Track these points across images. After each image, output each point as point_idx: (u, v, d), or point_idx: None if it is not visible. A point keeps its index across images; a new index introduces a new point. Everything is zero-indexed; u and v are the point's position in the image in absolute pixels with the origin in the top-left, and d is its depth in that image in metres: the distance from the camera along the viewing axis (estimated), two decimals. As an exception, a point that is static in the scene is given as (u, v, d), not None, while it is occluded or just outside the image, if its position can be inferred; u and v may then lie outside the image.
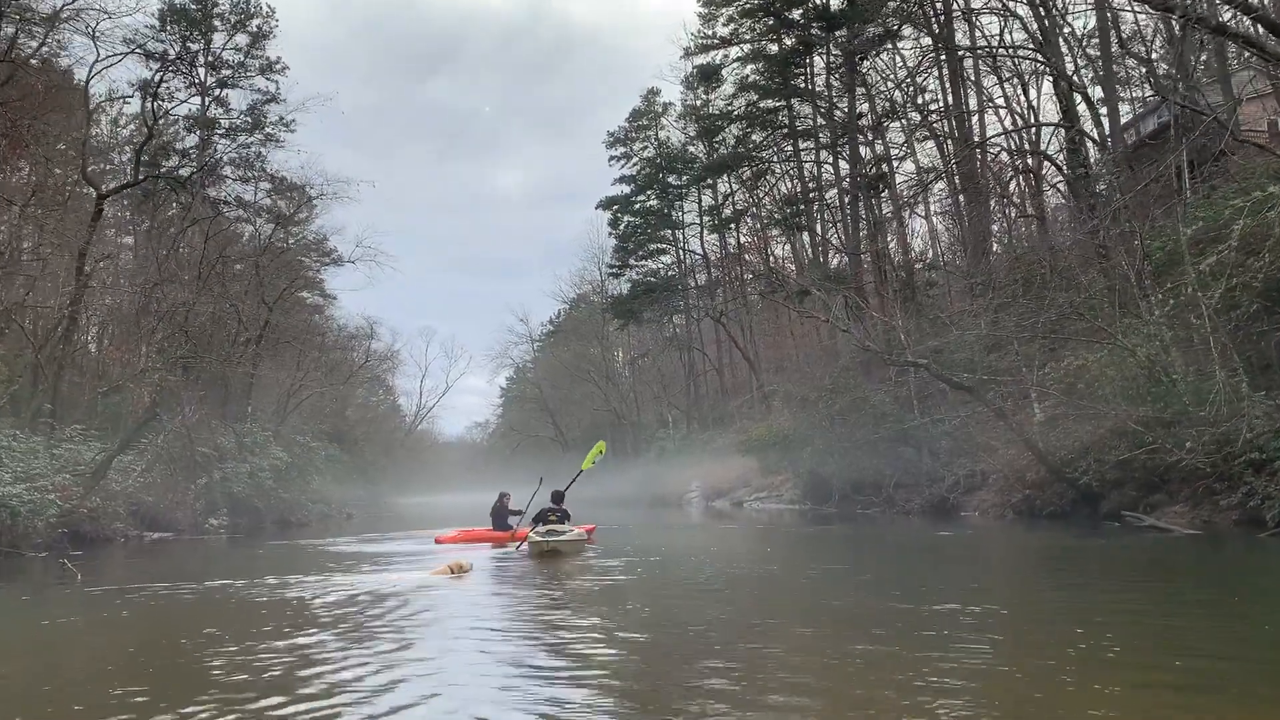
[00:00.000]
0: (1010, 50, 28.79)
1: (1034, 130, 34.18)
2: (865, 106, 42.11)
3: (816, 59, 45.25)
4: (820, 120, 45.69)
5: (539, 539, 15.67)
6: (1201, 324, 18.54)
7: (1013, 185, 35.84)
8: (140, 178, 26.15)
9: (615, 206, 65.84)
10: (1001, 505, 24.24)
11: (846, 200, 44.76)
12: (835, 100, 43.73)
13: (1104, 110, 26.97)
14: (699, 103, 57.95)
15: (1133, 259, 18.16)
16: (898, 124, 42.50)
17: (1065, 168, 26.30)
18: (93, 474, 19.35)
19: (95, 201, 24.75)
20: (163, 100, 43.85)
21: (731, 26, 50.35)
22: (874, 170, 39.91)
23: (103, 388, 24.63)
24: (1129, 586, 10.69)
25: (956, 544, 18.23)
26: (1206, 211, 20.13)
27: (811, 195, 49.00)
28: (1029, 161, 32.38)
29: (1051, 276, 23.51)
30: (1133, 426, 18.82)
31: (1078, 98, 26.19)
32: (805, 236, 52.43)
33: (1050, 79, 31.23)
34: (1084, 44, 27.75)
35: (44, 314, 24.67)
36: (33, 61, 34.71)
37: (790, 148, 50.25)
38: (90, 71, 26.75)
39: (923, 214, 45.75)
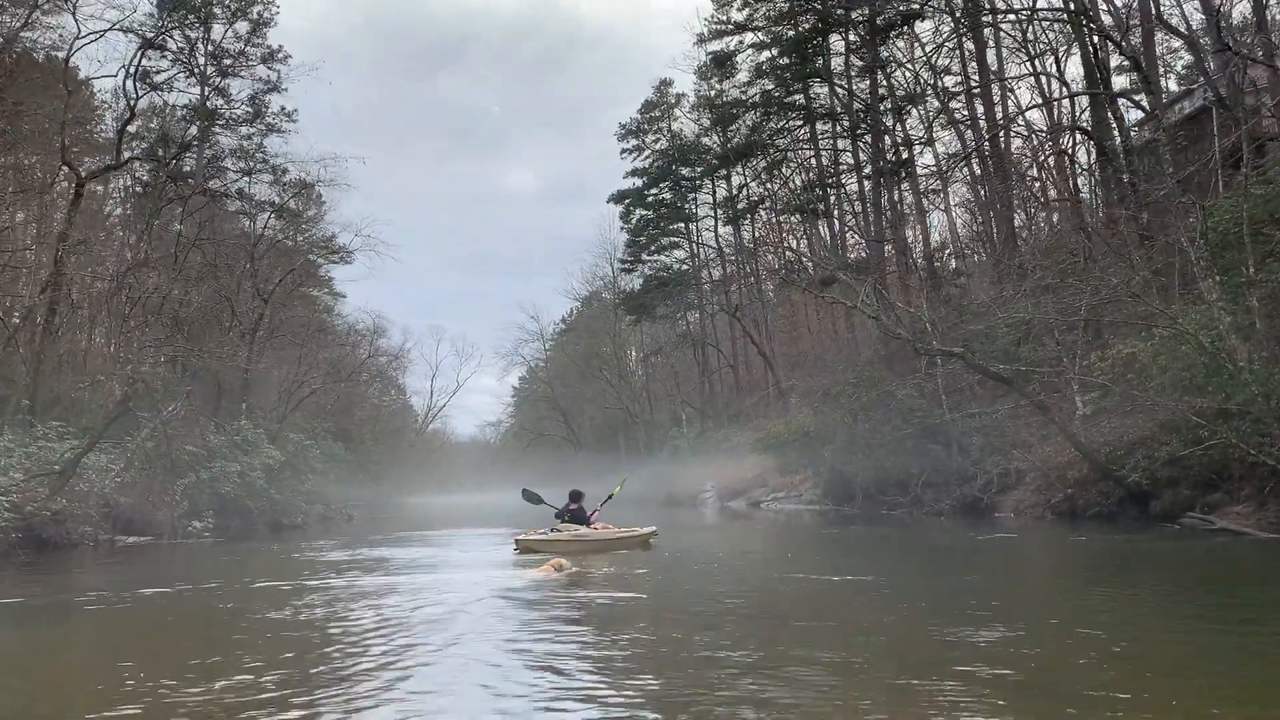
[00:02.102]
0: (1045, 12, 26.93)
1: (1062, 105, 32.63)
2: (884, 90, 40.43)
3: (835, 41, 43.58)
4: (839, 105, 44.04)
5: (522, 538, 16.02)
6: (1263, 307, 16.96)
7: (1040, 169, 34.09)
8: (124, 160, 24.70)
9: (627, 200, 64.30)
10: (1040, 505, 22.64)
11: (867, 187, 43.18)
12: (855, 84, 42.06)
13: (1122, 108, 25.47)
14: (713, 93, 56.38)
15: (1192, 236, 16.48)
16: (919, 109, 40.96)
17: (1103, 142, 24.51)
18: (59, 473, 17.91)
19: (75, 186, 23.37)
20: (161, 86, 43.05)
21: (746, 11, 48.76)
22: (896, 156, 38.28)
23: (84, 381, 23.27)
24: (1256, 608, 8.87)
25: (1005, 549, 16.63)
26: (1264, 188, 18.56)
27: (829, 182, 47.36)
28: (1060, 141, 30.64)
29: (1092, 258, 21.90)
30: (1193, 419, 17.15)
31: (1116, 69, 24.42)
32: (823, 227, 50.83)
33: (1082, 49, 29.68)
34: (1126, 18, 25.95)
35: (19, 303, 23.30)
36: (34, 51, 33.75)
37: (808, 132, 48.56)
38: (70, 48, 25.35)
39: (942, 207, 44.19)
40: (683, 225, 63.88)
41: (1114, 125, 24.32)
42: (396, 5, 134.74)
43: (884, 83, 40.19)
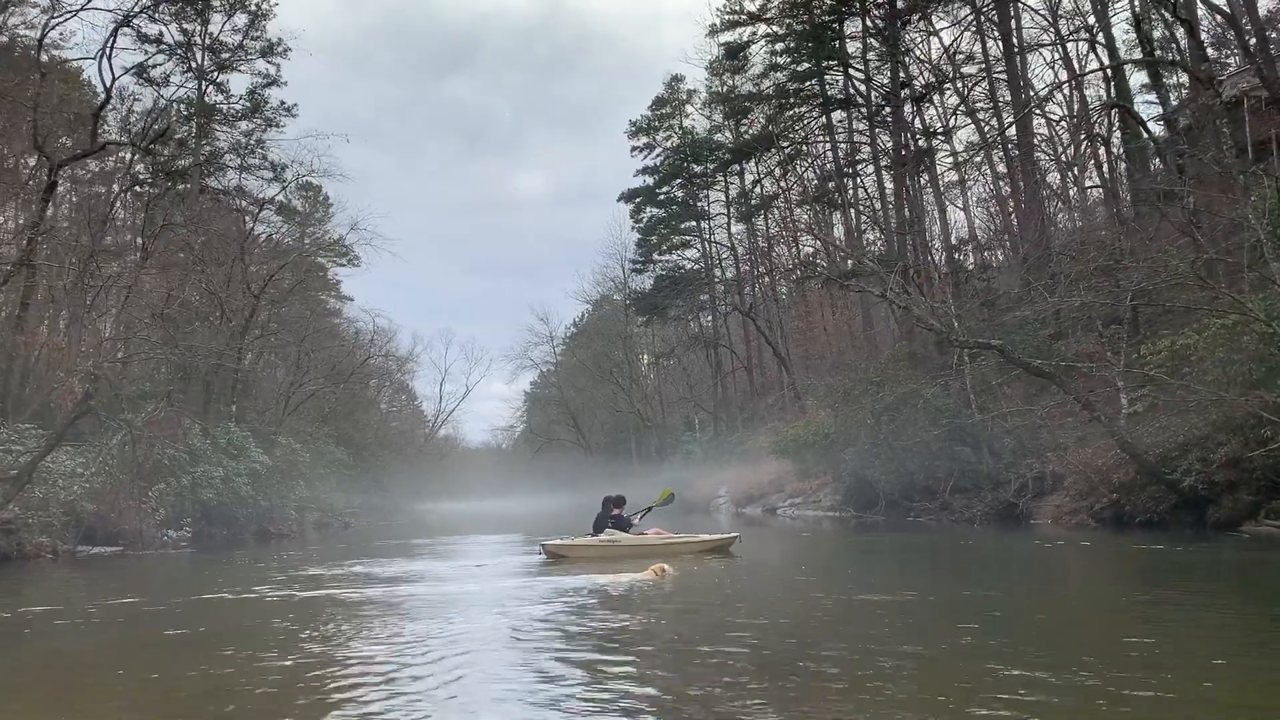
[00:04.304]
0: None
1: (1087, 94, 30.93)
2: (904, 78, 38.78)
3: (852, 31, 41.94)
4: (854, 91, 42.40)
5: (548, 543, 16.53)
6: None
7: (1072, 151, 32.36)
8: (99, 146, 23.24)
9: (638, 198, 62.75)
10: (1081, 512, 20.87)
11: (885, 182, 41.59)
12: (873, 71, 40.41)
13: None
14: (725, 89, 54.71)
15: (1260, 216, 14.80)
16: (939, 97, 39.37)
17: (1143, 119, 22.83)
18: (14, 479, 16.43)
19: (48, 173, 21.96)
20: (157, 80, 41.78)
21: (760, 0, 47.07)
22: (916, 144, 36.63)
23: (56, 382, 21.86)
24: None
25: (1061, 560, 14.91)
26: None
27: (846, 172, 45.64)
28: (1094, 123, 28.92)
29: (1137, 246, 20.22)
30: (1263, 415, 15.42)
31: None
32: (839, 225, 49.17)
33: (1106, 34, 28.06)
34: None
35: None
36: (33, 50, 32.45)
37: (824, 120, 46.80)
38: (44, 28, 23.96)
39: (961, 205, 42.56)
40: (694, 223, 62.25)
41: (1153, 102, 22.61)
42: (406, 9, 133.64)
43: (903, 73, 38.54)
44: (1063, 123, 33.11)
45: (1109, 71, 29.81)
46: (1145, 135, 23.37)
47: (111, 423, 19.77)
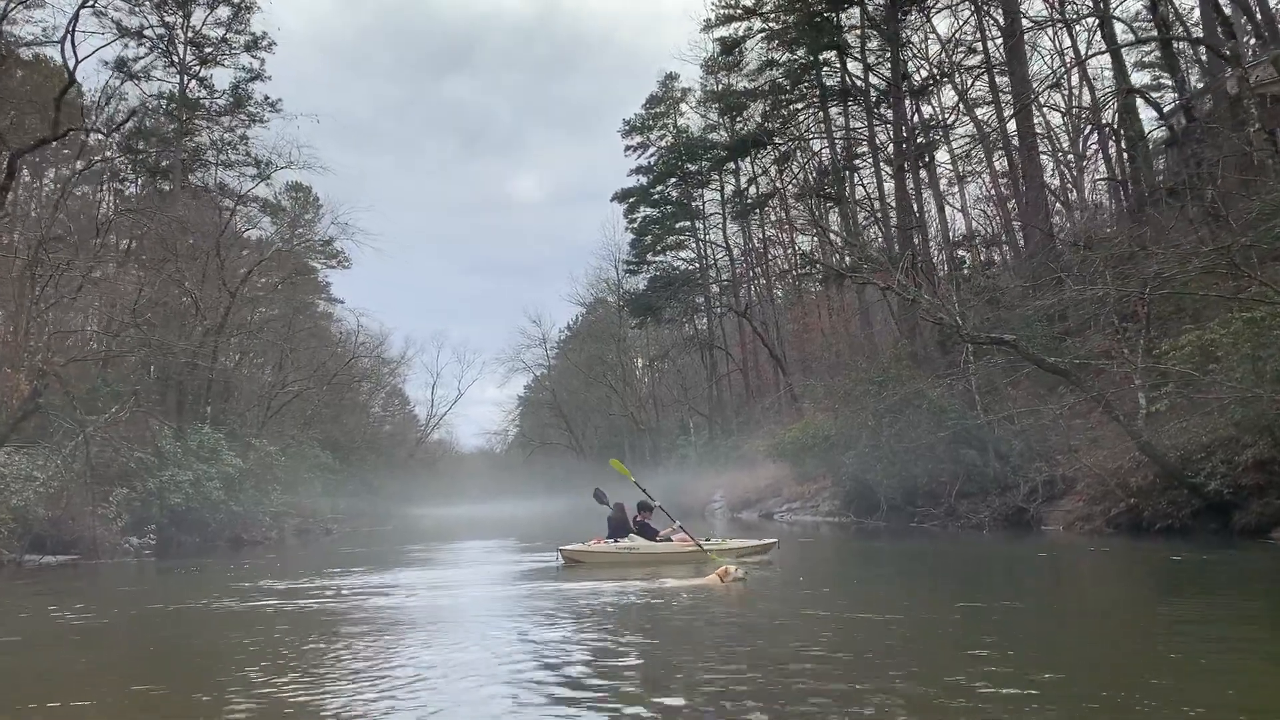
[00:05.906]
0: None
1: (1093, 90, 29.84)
2: (904, 69, 37.77)
3: (851, 20, 40.86)
4: (851, 83, 41.32)
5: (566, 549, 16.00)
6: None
7: (1079, 142, 31.36)
8: (61, 133, 22.07)
9: (632, 198, 61.68)
10: (1096, 517, 19.76)
11: (884, 178, 40.58)
12: (872, 63, 39.38)
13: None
14: (720, 87, 53.64)
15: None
16: (939, 93, 38.42)
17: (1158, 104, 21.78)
18: (-46, 484, 15.29)
19: (7, 162, 20.81)
20: (137, 70, 40.88)
21: (756, -7, 45.99)
22: (917, 139, 35.60)
23: (5, 379, 20.68)
24: None
25: (1086, 569, 13.82)
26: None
27: (844, 168, 44.54)
28: (1100, 116, 27.93)
29: (1156, 236, 19.19)
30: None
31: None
32: (837, 221, 48.11)
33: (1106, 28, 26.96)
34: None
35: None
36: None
37: (821, 115, 45.72)
38: (3, 13, 22.80)
39: (959, 206, 41.58)
40: (689, 223, 61.18)
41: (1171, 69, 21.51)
42: (404, 8, 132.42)
43: (904, 61, 37.50)
44: (1065, 118, 32.08)
45: (1113, 59, 28.85)
46: (1160, 122, 22.31)
47: (63, 423, 18.58)
